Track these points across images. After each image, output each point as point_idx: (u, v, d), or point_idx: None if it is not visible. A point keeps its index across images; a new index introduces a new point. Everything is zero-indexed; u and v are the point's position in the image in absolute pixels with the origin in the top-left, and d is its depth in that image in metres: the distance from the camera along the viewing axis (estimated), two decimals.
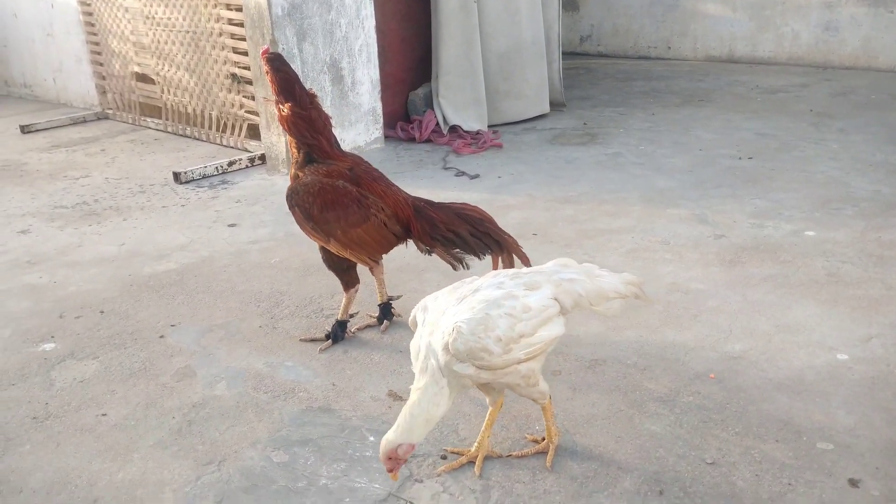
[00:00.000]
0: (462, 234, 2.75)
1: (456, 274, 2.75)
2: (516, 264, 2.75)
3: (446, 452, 2.26)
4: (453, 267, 2.81)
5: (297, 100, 2.72)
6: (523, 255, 2.77)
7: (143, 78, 6.56)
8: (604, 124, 6.04)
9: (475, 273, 2.40)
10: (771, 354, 2.69)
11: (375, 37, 5.43)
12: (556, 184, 4.66)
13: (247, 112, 5.58)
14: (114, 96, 7.03)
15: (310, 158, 2.76)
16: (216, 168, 5.22)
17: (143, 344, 2.99)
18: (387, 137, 5.78)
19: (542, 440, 2.26)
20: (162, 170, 5.39)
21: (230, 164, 5.29)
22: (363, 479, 2.17)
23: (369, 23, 5.36)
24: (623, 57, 9.16)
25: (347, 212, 2.71)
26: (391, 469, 1.96)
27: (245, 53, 5.27)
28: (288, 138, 2.85)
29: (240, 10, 5.14)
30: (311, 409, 2.52)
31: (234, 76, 5.53)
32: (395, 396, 2.56)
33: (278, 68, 2.73)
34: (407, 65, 6.02)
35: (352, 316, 3.04)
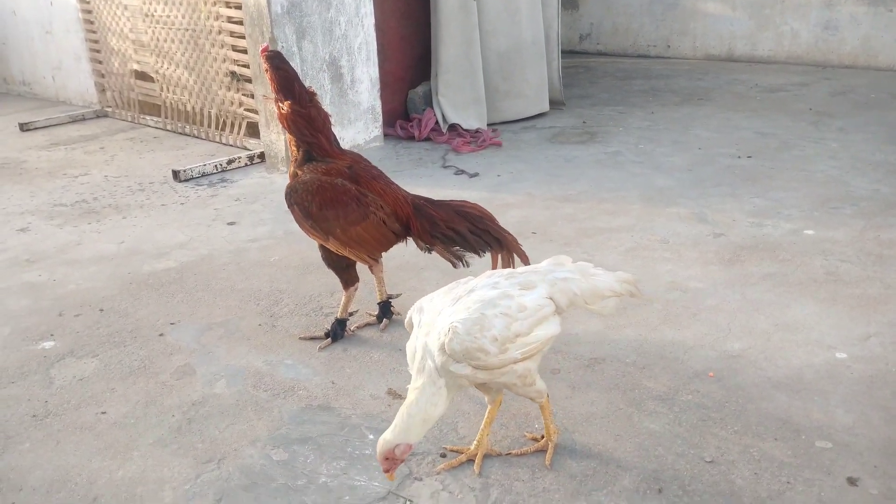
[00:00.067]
0: (462, 232, 2.75)
1: (455, 272, 2.75)
2: (517, 263, 2.75)
3: (445, 450, 2.26)
4: (453, 265, 2.81)
5: (297, 98, 2.72)
6: (523, 254, 2.76)
7: (142, 76, 6.56)
8: (603, 123, 6.04)
9: (475, 271, 2.40)
10: (770, 353, 2.69)
11: (375, 35, 5.43)
12: (555, 182, 4.66)
13: (246, 110, 5.58)
14: (113, 94, 7.03)
15: (309, 157, 2.76)
16: (215, 166, 5.22)
17: (143, 342, 2.99)
18: (386, 136, 5.78)
19: (541, 438, 2.26)
20: (161, 168, 5.39)
21: (229, 162, 5.29)
22: (363, 477, 2.18)
23: (369, 21, 5.35)
24: (622, 55, 9.16)
25: (346, 210, 2.70)
26: (388, 469, 1.95)
27: (244, 51, 5.26)
28: (287, 136, 2.85)
29: (239, 7, 5.13)
30: (311, 408, 2.52)
31: (233, 74, 5.52)
32: (395, 394, 2.56)
33: (278, 66, 2.73)
34: (406, 63, 6.01)
35: (351, 314, 3.04)
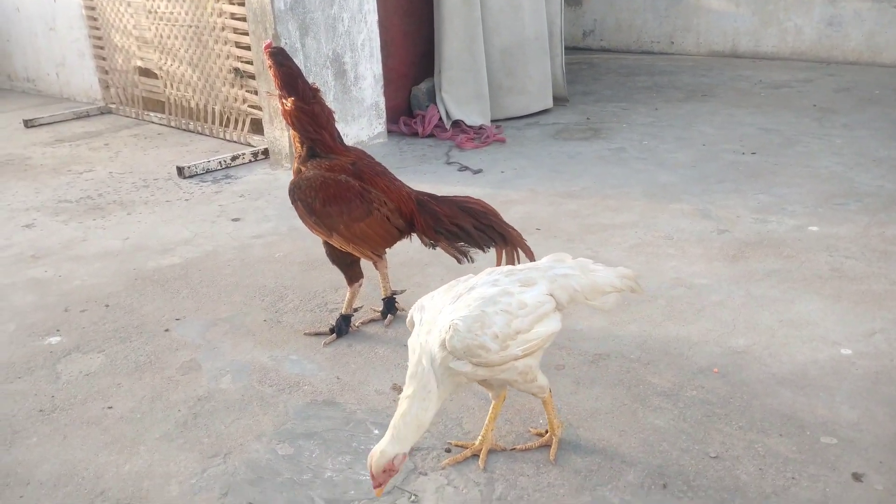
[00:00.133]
0: (466, 228, 2.74)
1: (459, 268, 2.75)
2: (522, 259, 2.74)
3: (450, 446, 2.27)
4: (458, 260, 2.81)
5: (301, 94, 2.72)
6: (528, 249, 2.76)
7: (145, 72, 6.57)
8: (607, 119, 6.04)
9: (480, 267, 2.41)
10: (774, 349, 2.69)
11: (378, 31, 5.43)
12: (558, 178, 4.66)
13: (250, 107, 5.59)
14: (117, 91, 7.04)
15: (313, 153, 2.76)
16: (219, 163, 5.23)
17: (149, 337, 3.00)
18: (389, 132, 5.79)
19: (545, 433, 2.27)
20: (165, 164, 5.40)
21: (233, 158, 5.30)
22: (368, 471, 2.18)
23: (372, 17, 5.35)
24: (626, 52, 9.14)
25: (350, 206, 2.71)
26: (381, 484, 1.88)
27: (248, 48, 5.27)
28: (291, 133, 2.85)
29: (242, 4, 5.13)
30: (316, 403, 2.53)
31: (237, 71, 5.53)
32: (399, 390, 2.56)
33: (281, 63, 2.73)
34: (409, 59, 6.01)
35: (356, 310, 3.05)
